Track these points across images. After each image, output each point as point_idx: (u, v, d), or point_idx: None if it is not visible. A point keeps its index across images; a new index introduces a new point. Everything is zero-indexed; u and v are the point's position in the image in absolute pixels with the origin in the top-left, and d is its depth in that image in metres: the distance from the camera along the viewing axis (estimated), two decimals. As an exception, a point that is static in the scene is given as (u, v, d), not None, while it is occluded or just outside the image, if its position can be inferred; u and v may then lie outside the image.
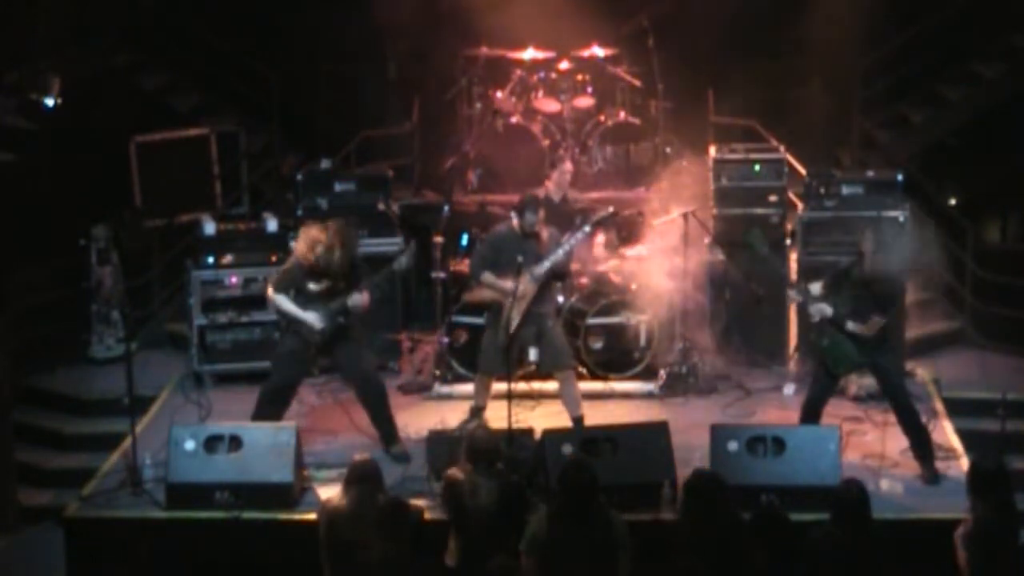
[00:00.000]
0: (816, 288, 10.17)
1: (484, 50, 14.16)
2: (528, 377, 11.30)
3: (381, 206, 12.45)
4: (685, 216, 11.72)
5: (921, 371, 12.05)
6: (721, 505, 8.24)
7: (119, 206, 13.89)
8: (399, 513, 8.54)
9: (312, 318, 10.38)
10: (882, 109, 14.87)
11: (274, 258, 12.20)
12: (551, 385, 11.12)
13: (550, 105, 14.00)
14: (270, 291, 10.58)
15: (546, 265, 10.58)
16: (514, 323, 10.51)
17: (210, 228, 12.42)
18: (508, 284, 10.57)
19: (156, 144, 14.30)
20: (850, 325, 9.99)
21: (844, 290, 10.08)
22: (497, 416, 10.56)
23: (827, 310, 10.04)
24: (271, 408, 10.47)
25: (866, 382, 11.00)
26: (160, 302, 13.47)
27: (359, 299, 10.39)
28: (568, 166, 12.30)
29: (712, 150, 12.52)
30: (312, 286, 10.43)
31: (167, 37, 15.06)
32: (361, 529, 8.41)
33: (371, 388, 10.62)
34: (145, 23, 14.92)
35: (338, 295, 10.40)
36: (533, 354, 10.65)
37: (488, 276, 10.73)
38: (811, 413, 10.30)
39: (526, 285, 10.52)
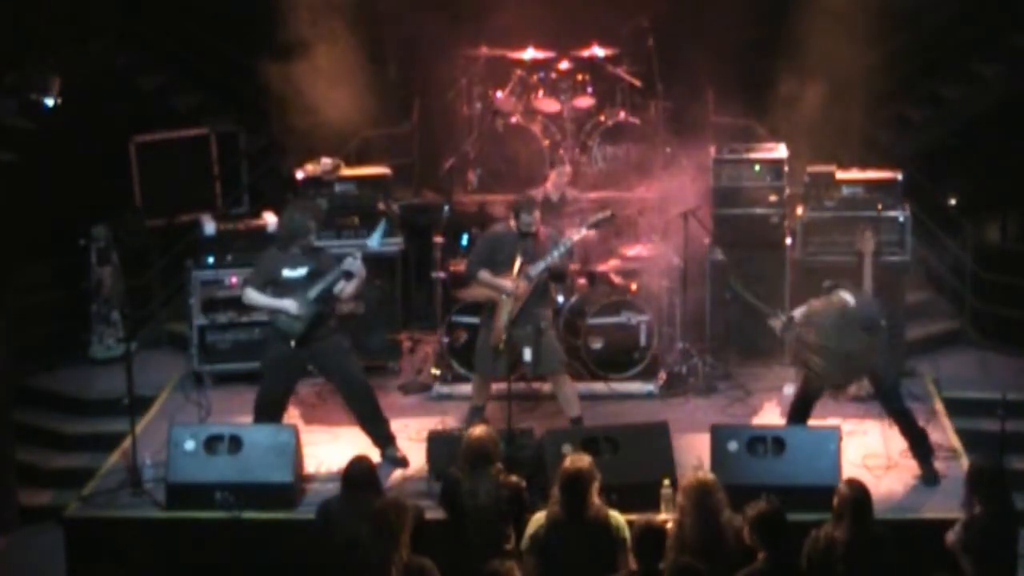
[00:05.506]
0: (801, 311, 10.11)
1: (484, 50, 14.13)
2: (527, 377, 11.29)
3: (381, 206, 12.45)
4: (685, 216, 11.73)
5: (922, 370, 12.05)
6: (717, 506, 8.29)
7: (119, 206, 13.88)
8: (399, 513, 8.53)
9: (288, 304, 10.19)
10: (882, 109, 14.85)
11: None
12: (550, 385, 11.11)
13: (550, 105, 13.98)
14: (244, 291, 10.43)
15: (541, 265, 10.58)
16: (504, 321, 10.50)
17: (210, 228, 12.42)
18: (504, 282, 10.58)
19: (156, 144, 14.28)
20: (843, 341, 9.95)
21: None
22: (497, 416, 10.56)
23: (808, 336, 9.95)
24: (267, 417, 10.36)
25: (866, 382, 10.98)
26: (160, 302, 13.46)
27: (354, 263, 10.20)
28: (567, 168, 12.31)
29: (712, 150, 12.52)
30: (288, 273, 10.29)
31: (167, 37, 15.05)
32: (360, 529, 8.42)
33: (358, 390, 10.50)
34: (145, 23, 14.92)
35: (316, 279, 10.23)
36: (527, 354, 10.63)
37: (485, 274, 10.72)
38: (798, 414, 10.28)
39: (521, 285, 10.52)
